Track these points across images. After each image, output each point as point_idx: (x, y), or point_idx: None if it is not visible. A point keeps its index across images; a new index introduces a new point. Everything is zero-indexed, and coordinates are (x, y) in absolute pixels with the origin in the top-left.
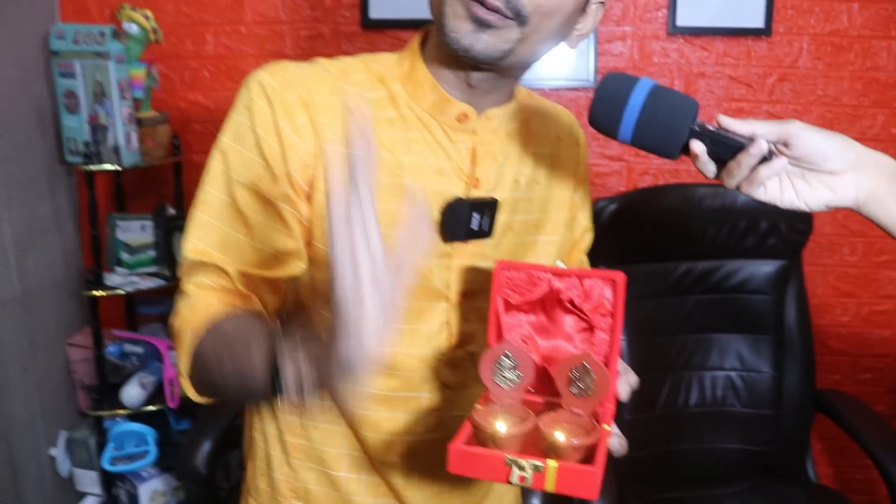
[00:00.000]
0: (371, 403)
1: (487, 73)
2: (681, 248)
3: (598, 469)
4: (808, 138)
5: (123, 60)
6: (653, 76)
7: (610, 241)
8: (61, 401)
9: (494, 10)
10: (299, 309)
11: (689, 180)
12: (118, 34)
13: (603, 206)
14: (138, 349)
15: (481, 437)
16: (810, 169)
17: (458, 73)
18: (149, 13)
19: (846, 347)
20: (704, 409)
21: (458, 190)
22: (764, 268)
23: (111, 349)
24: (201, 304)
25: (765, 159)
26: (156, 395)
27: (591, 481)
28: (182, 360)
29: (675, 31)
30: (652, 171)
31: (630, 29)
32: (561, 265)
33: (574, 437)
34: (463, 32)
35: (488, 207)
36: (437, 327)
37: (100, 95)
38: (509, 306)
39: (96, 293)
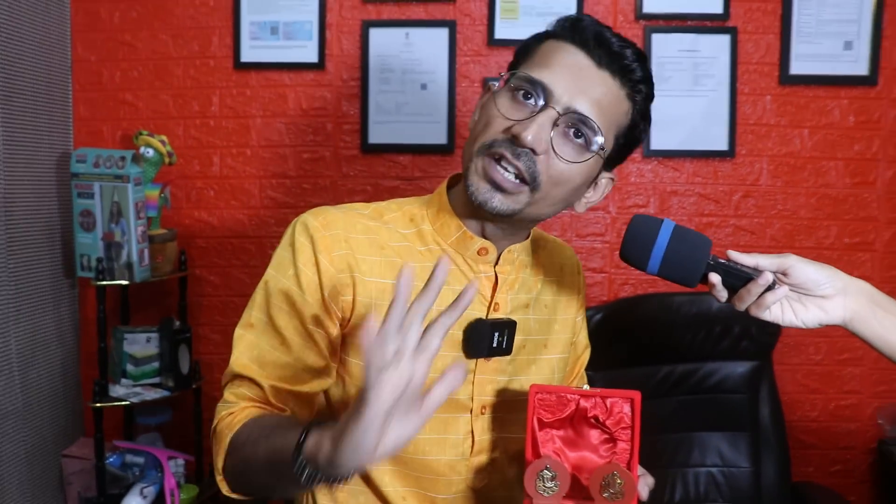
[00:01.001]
0: (405, 502)
1: (500, 224)
2: (661, 352)
3: None
4: (803, 269)
5: (140, 182)
6: (630, 195)
7: (596, 348)
8: None
9: (515, 171)
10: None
11: (665, 289)
12: (137, 158)
13: (589, 316)
14: (139, 459)
15: None
16: (805, 294)
17: (476, 220)
18: (164, 138)
19: (817, 441)
20: None
21: (480, 313)
22: (738, 368)
23: (111, 459)
24: (238, 407)
25: (770, 287)
26: None
27: None
28: (219, 458)
29: (649, 154)
30: (632, 281)
31: None
32: (586, 388)
33: None
34: (481, 190)
35: (508, 328)
36: (462, 436)
37: (116, 215)
38: (542, 424)
39: (101, 405)
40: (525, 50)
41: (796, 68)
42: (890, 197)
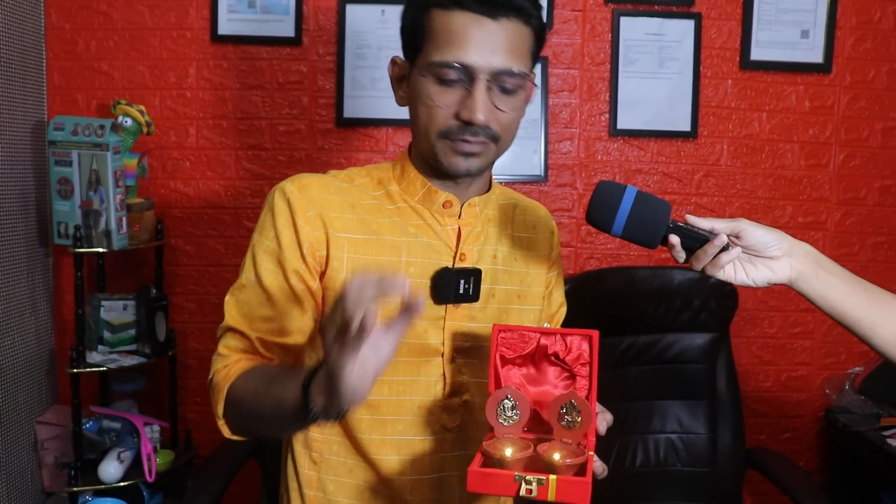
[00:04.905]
0: (381, 448)
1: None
2: (624, 323)
3: (589, 479)
4: (754, 232)
5: (119, 151)
6: (596, 172)
7: (564, 319)
8: (26, 480)
9: (479, 141)
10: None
11: (629, 263)
12: (116, 127)
13: None
14: (116, 425)
15: (490, 463)
16: (756, 255)
17: (442, 179)
18: (143, 108)
19: (769, 410)
20: (649, 470)
21: (447, 263)
22: (697, 340)
23: (88, 425)
24: (232, 360)
25: (724, 248)
26: (132, 469)
27: (584, 490)
28: (218, 406)
29: (615, 133)
30: (597, 255)
31: (577, 131)
32: (547, 325)
33: (567, 458)
34: (458, 164)
35: (473, 275)
36: (434, 379)
37: (95, 183)
38: (505, 360)
39: (78, 370)
40: (416, 29)
41: (756, 54)
42: (841, 179)
